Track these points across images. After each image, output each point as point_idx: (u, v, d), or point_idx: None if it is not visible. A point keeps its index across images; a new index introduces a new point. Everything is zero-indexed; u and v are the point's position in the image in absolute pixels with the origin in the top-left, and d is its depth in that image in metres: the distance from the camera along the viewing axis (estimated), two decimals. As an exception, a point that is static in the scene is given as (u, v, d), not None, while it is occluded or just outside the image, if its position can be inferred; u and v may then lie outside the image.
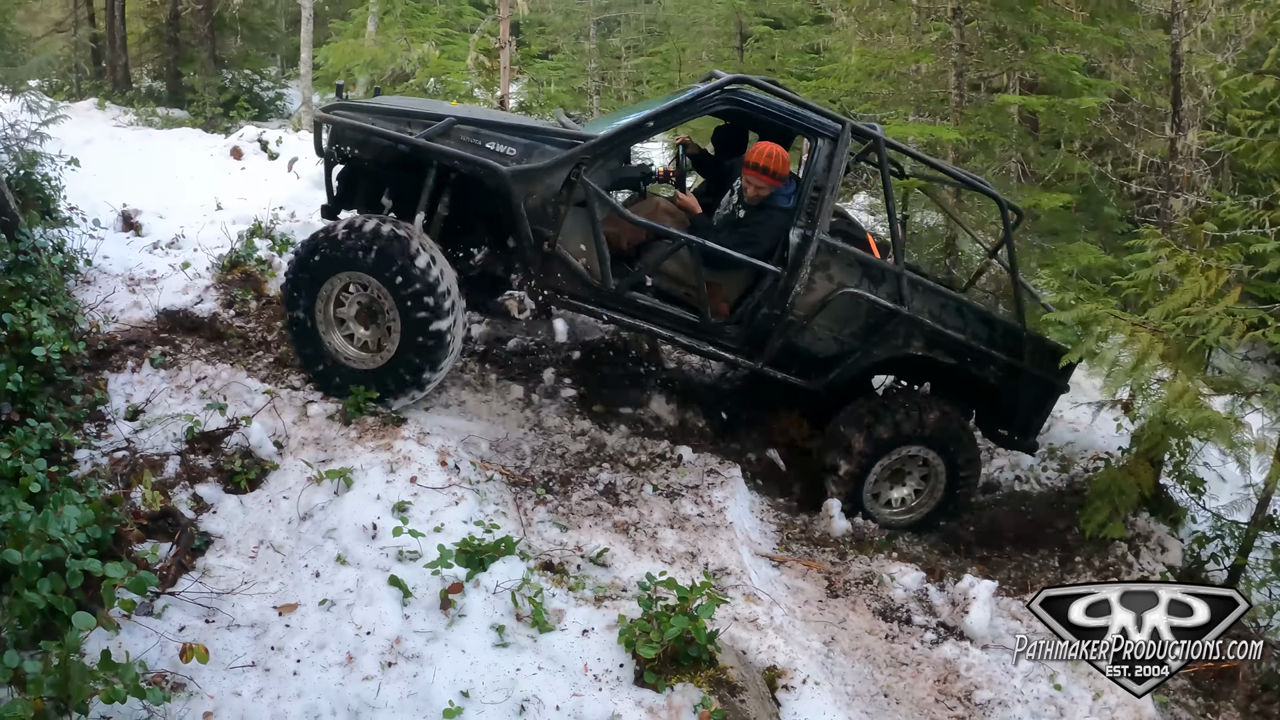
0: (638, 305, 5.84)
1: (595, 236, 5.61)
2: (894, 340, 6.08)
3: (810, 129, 5.86)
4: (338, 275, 5.45)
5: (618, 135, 5.66)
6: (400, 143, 5.43)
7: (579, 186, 5.53)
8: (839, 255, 5.89)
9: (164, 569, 4.13)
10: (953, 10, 9.42)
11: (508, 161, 5.44)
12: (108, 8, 19.43)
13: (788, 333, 5.93)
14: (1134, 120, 10.97)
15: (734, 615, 4.59)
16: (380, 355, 5.55)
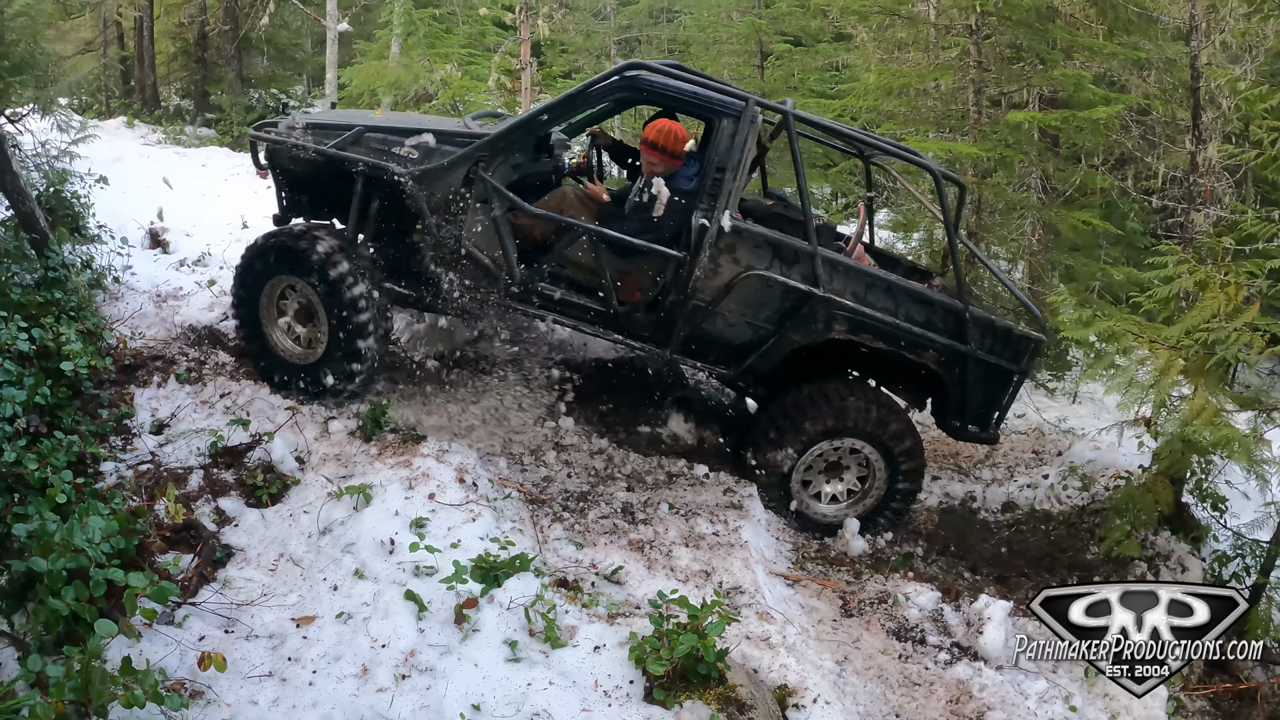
0: (546, 297, 5.85)
1: (498, 231, 5.73)
2: (812, 324, 5.79)
3: (711, 108, 5.71)
4: (276, 279, 5.83)
5: (512, 130, 5.75)
6: (315, 153, 5.75)
7: (479, 183, 5.64)
8: (746, 236, 5.70)
9: (185, 580, 4.22)
10: (971, 27, 9.43)
11: (409, 164, 5.62)
12: (136, 28, 19.72)
13: (694, 318, 5.77)
14: (1155, 134, 10.93)
15: (746, 633, 4.60)
16: (313, 352, 5.88)
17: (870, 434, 6.04)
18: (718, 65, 15.60)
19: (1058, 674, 5.25)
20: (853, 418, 5.98)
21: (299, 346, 5.96)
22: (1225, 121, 10.17)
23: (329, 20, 14.79)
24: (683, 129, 5.89)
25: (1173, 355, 5.86)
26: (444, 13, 13.46)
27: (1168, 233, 11.02)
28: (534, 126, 5.84)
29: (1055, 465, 7.77)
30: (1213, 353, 5.75)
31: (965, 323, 5.94)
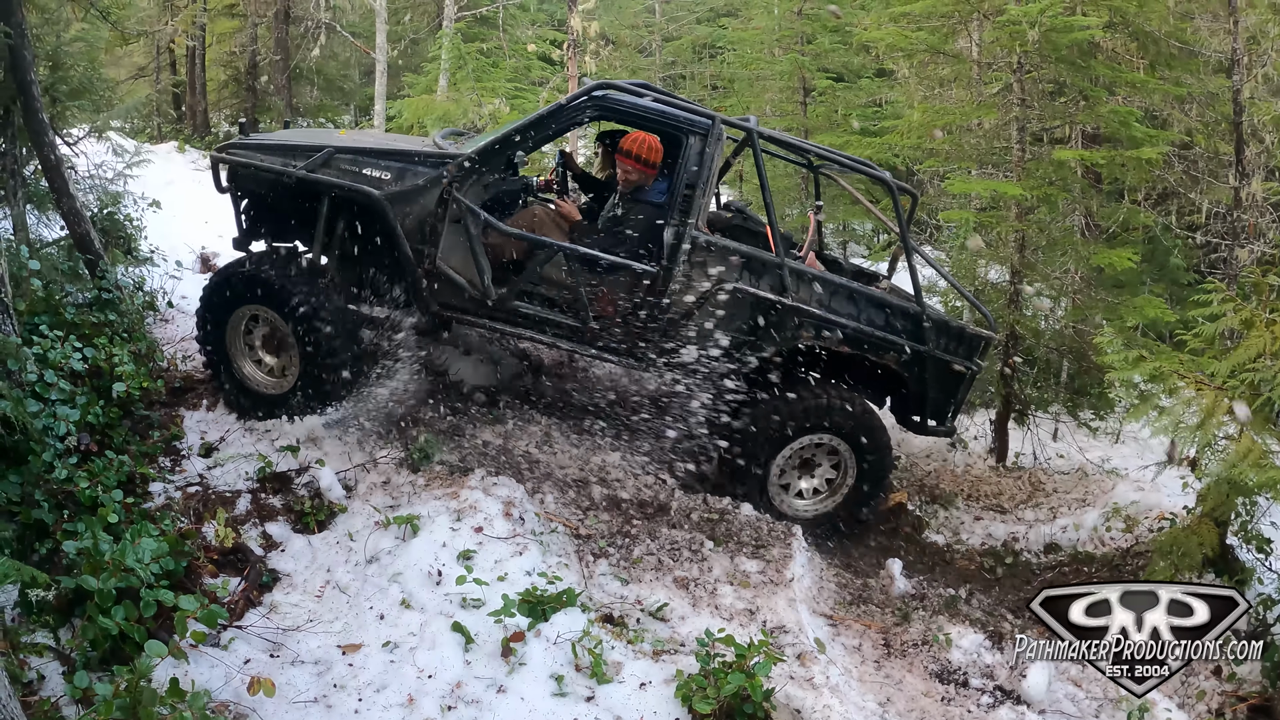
0: (521, 315, 5.92)
1: (473, 251, 5.77)
2: (782, 333, 5.96)
3: (679, 126, 5.85)
4: (242, 308, 5.82)
5: (485, 151, 5.79)
6: (283, 175, 5.72)
7: (452, 203, 5.69)
8: (716, 250, 5.86)
9: (232, 603, 4.24)
10: (1014, 64, 9.42)
11: (382, 185, 5.67)
12: (188, 55, 20.13)
13: (668, 331, 5.89)
14: (1198, 169, 10.86)
15: (790, 674, 4.56)
16: (285, 380, 5.90)
17: (844, 430, 6.21)
18: (761, 101, 15.64)
19: (1100, 718, 5.18)
20: (829, 415, 6.14)
21: (271, 376, 5.97)
22: (1269, 156, 10.09)
23: (378, 53, 15.01)
24: (657, 140, 6.02)
25: (1219, 395, 5.80)
26: (491, 47, 13.63)
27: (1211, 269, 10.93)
28: (507, 147, 5.86)
29: (1098, 506, 7.67)
30: (1259, 392, 5.69)
31: (923, 325, 6.17)
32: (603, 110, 5.94)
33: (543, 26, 17.07)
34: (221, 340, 5.88)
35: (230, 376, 5.91)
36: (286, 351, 5.92)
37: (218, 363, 5.92)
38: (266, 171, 5.78)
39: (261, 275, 5.70)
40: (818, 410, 6.11)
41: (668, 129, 5.93)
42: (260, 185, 5.96)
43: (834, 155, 6.75)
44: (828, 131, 13.35)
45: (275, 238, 6.35)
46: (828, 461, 6.41)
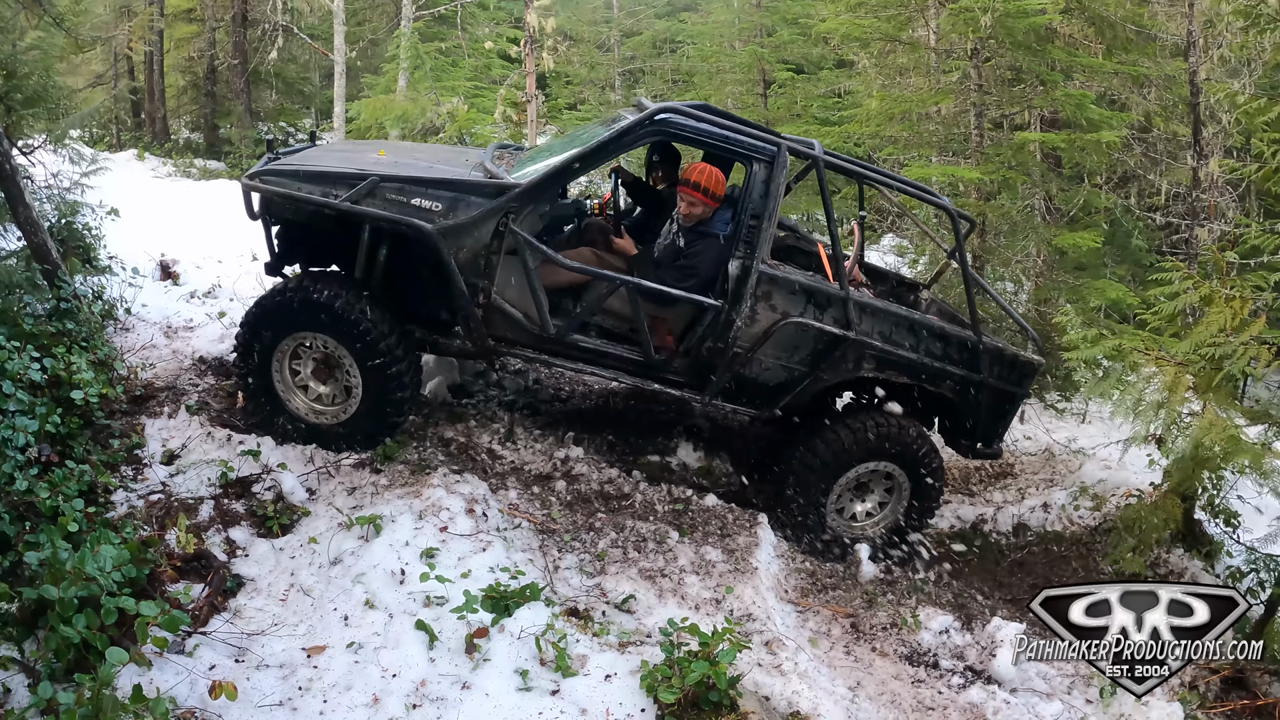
0: (580, 348, 5.80)
1: (531, 284, 5.56)
2: (844, 364, 5.95)
3: (743, 153, 5.72)
4: (293, 336, 5.58)
5: (544, 182, 5.58)
6: (326, 208, 5.44)
7: (509, 235, 5.50)
8: (781, 283, 5.77)
9: (196, 609, 4.23)
10: (971, 50, 9.49)
11: (434, 218, 5.43)
12: (147, 62, 19.98)
13: (733, 365, 5.84)
14: (1156, 151, 10.98)
15: (757, 661, 4.60)
16: (345, 409, 5.70)
17: (903, 456, 6.19)
18: (721, 94, 15.71)
19: (1072, 695, 5.25)
20: (889, 443, 6.13)
21: (321, 405, 5.76)
22: (1226, 136, 10.21)
23: (336, 54, 14.93)
24: (721, 174, 5.88)
25: (1180, 371, 5.86)
26: (450, 46, 13.59)
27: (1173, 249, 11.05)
28: (567, 175, 5.73)
29: (1066, 486, 7.75)
30: (1220, 368, 5.76)
31: (978, 353, 6.19)
32: (664, 134, 5.84)
33: (502, 24, 17.04)
34: (268, 369, 5.65)
35: (279, 407, 5.70)
36: (336, 380, 5.73)
37: (261, 392, 5.69)
38: (308, 203, 5.47)
39: (326, 301, 5.45)
40: (879, 439, 6.11)
41: (731, 154, 5.84)
42: (298, 214, 5.69)
43: (897, 181, 6.71)
44: (788, 123, 13.41)
45: (311, 263, 6.14)
46: (881, 485, 6.42)
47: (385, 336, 5.51)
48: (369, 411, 5.64)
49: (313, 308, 5.45)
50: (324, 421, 5.72)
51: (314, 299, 5.44)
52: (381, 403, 5.62)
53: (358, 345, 5.50)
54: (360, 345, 5.49)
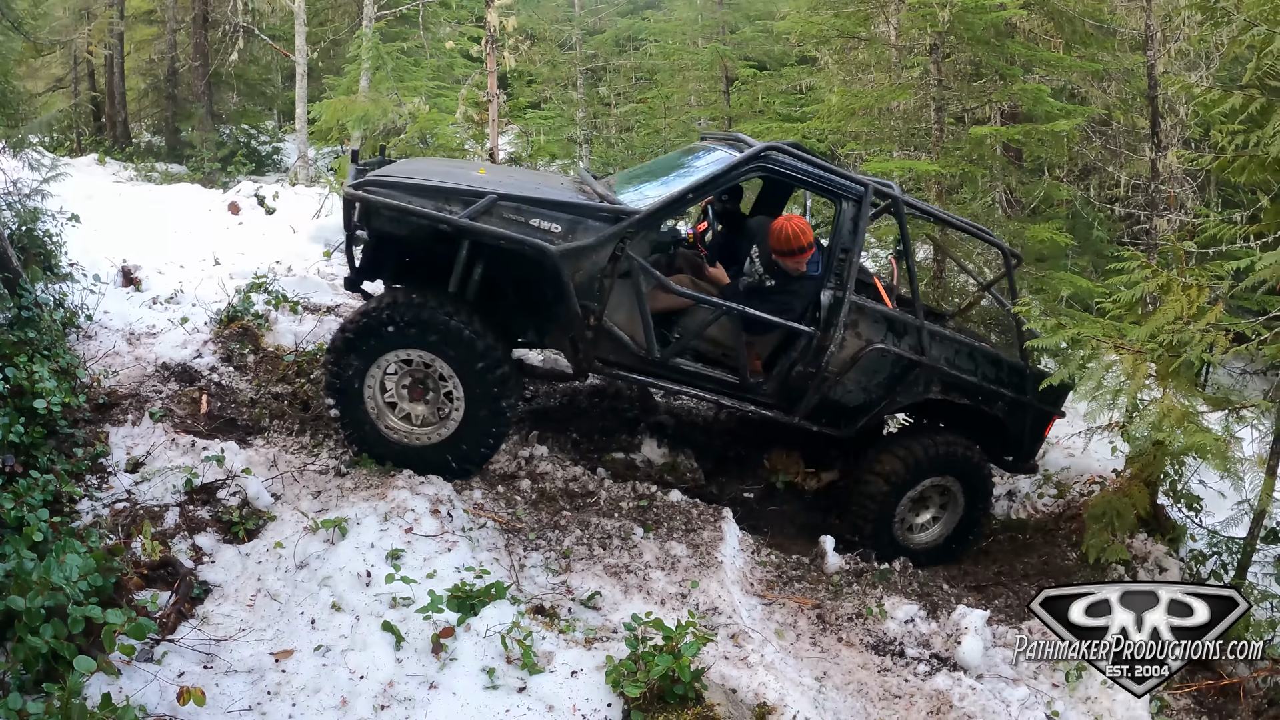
0: (682, 371, 6.02)
1: (641, 308, 5.75)
2: (916, 387, 6.39)
3: (835, 192, 6.14)
4: (389, 354, 5.53)
5: (661, 209, 5.78)
6: (442, 223, 5.41)
7: (623, 259, 5.64)
8: (867, 313, 6.21)
9: (164, 617, 4.21)
10: (930, 46, 9.57)
11: (554, 239, 5.49)
12: (107, 65, 19.75)
13: (823, 388, 6.17)
14: (1116, 143, 11.10)
15: (724, 653, 4.65)
16: (443, 428, 5.68)
17: (962, 471, 6.67)
18: (684, 92, 15.80)
19: (1038, 680, 5.31)
20: (951, 459, 6.59)
21: (413, 425, 5.71)
22: (1184, 128, 10.33)
23: (298, 55, 14.86)
24: (804, 223, 6.11)
25: (1139, 358, 5.94)
26: (412, 46, 13.54)
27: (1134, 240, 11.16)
28: (681, 204, 5.96)
29: (1029, 474, 7.85)
30: (1178, 354, 5.84)
31: (1026, 378, 6.69)
32: (768, 171, 6.12)
33: (464, 23, 16.98)
34: (360, 391, 5.59)
35: (371, 429, 5.66)
36: (430, 401, 5.69)
37: (351, 415, 5.64)
38: (424, 217, 5.41)
39: (433, 315, 5.44)
40: (944, 456, 6.54)
41: (824, 193, 6.24)
42: (401, 227, 5.57)
43: (956, 221, 7.14)
44: (751, 119, 13.46)
45: (394, 279, 6.15)
46: (937, 497, 6.79)
47: (493, 352, 5.54)
48: (470, 430, 5.65)
49: (417, 323, 5.44)
50: (419, 441, 5.68)
51: (420, 313, 5.43)
52: (484, 419, 5.64)
53: (464, 361, 5.51)
54: (466, 360, 5.50)
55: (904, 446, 6.56)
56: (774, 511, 6.89)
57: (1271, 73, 5.94)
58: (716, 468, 7.18)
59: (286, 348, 7.02)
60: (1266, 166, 5.91)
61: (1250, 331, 5.80)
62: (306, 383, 6.59)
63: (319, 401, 6.43)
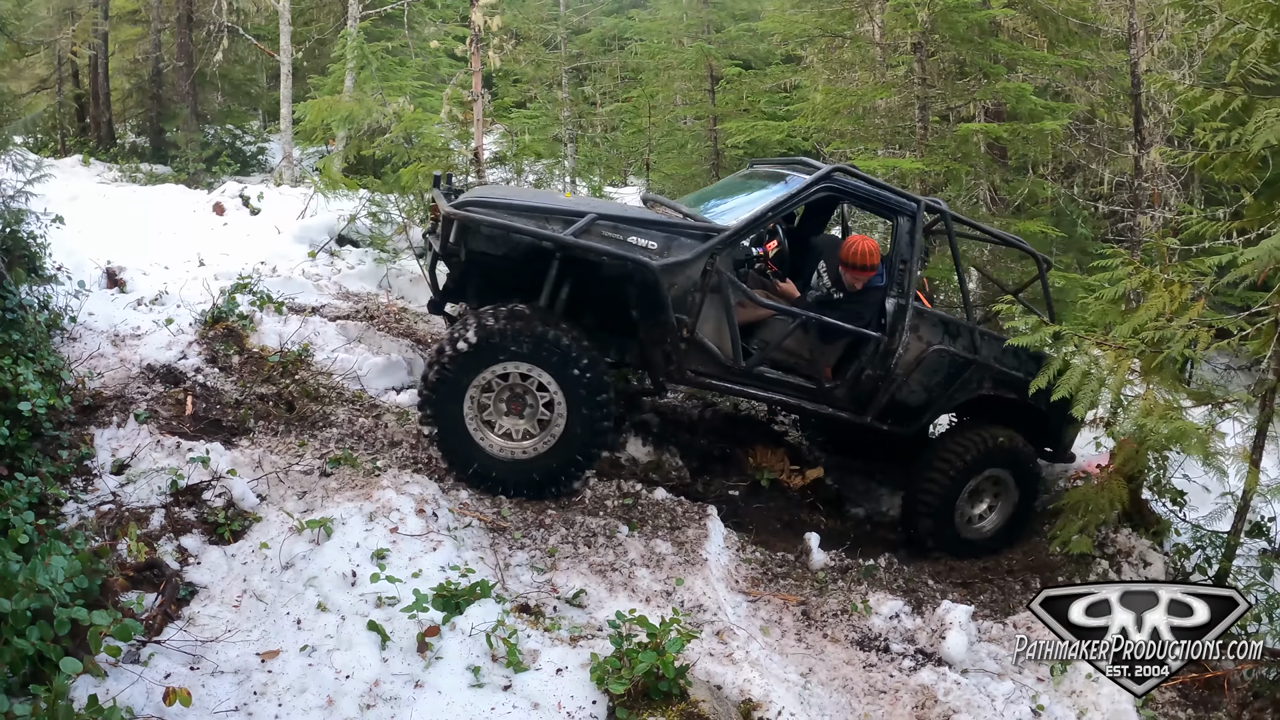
0: (765, 379, 6.36)
1: (729, 320, 6.09)
2: (971, 385, 6.80)
3: (892, 209, 6.63)
4: (489, 369, 5.69)
5: (746, 226, 6.16)
6: (547, 240, 5.64)
7: (712, 274, 5.94)
8: (927, 317, 6.69)
9: (150, 618, 4.21)
10: (914, 45, 9.63)
11: (652, 255, 5.78)
12: (91, 65, 19.64)
13: (890, 389, 6.56)
14: (1100, 141, 11.18)
15: (709, 650, 4.67)
16: (543, 441, 5.83)
17: (1015, 463, 7.02)
18: (669, 91, 15.83)
19: (1023, 674, 5.34)
20: (1007, 452, 6.95)
21: (514, 440, 5.85)
22: (1167, 125, 10.40)
23: (283, 55, 14.81)
24: (875, 245, 6.61)
25: (1121, 354, 5.98)
26: (397, 45, 13.54)
27: (1118, 236, 11.24)
28: (762, 222, 6.31)
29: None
30: (1161, 350, 5.88)
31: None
32: (833, 190, 6.55)
33: (449, 23, 16.96)
34: (459, 409, 5.73)
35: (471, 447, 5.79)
36: (526, 415, 5.85)
37: (451, 434, 5.77)
38: (528, 234, 5.64)
39: (537, 329, 5.63)
40: (996, 449, 6.89)
41: (883, 211, 6.82)
42: (498, 246, 5.77)
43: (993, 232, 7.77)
44: (736, 118, 13.50)
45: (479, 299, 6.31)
46: (991, 488, 7.10)
47: (596, 363, 5.75)
48: (571, 440, 5.83)
49: (520, 337, 5.61)
50: (519, 456, 5.83)
51: (525, 328, 5.63)
52: (587, 430, 5.82)
53: (567, 372, 5.69)
54: (569, 373, 5.69)
55: (958, 443, 6.89)
56: (759, 509, 6.93)
57: (1254, 70, 5.99)
58: (701, 466, 7.21)
59: (271, 348, 7.03)
60: (1249, 163, 5.96)
61: (1233, 327, 5.84)
62: (291, 383, 6.59)
63: (303, 402, 6.45)
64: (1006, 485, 7.06)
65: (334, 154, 10.22)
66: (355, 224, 9.96)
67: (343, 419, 6.43)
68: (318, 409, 6.48)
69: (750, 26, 14.62)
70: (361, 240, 10.08)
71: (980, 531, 7.07)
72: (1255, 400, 6.01)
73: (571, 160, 15.66)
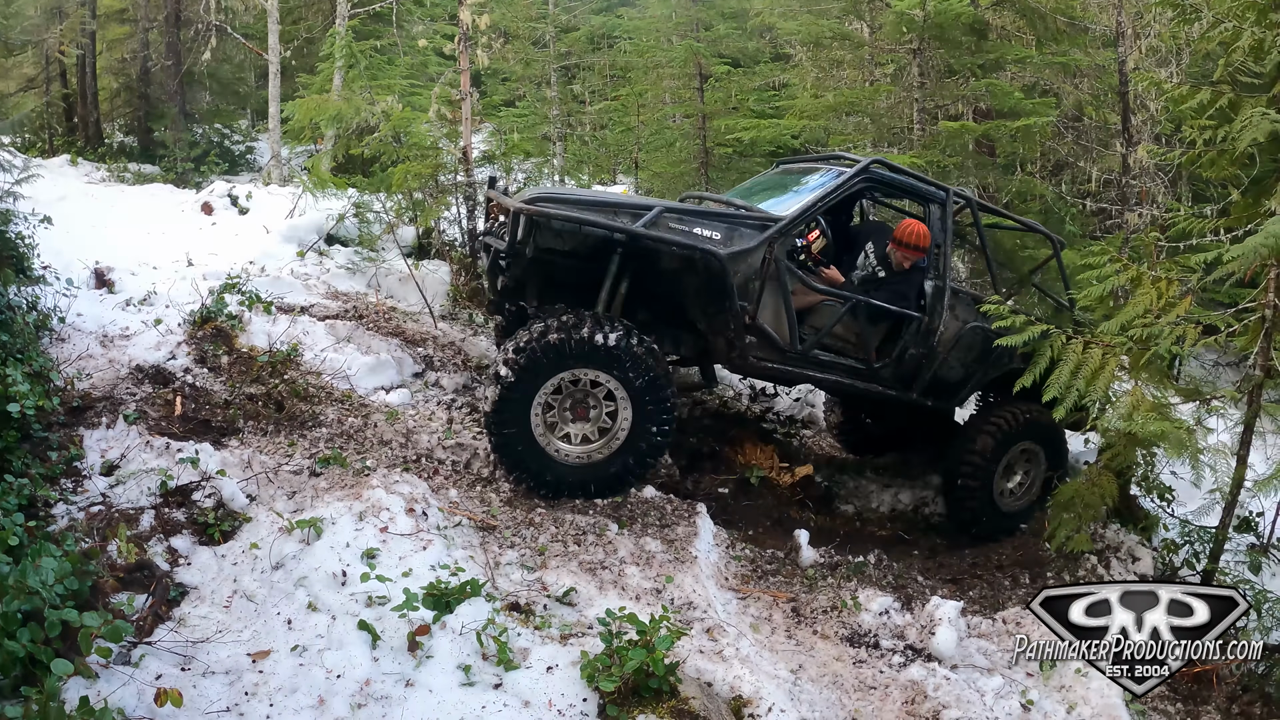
0: (819, 361, 6.61)
1: (786, 305, 6.31)
2: (1003, 360, 7.01)
3: (926, 197, 7.00)
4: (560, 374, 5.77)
5: (800, 216, 6.40)
6: (619, 232, 5.75)
7: (769, 262, 6.14)
8: (962, 297, 7.06)
9: (141, 619, 4.21)
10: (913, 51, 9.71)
11: (716, 245, 5.95)
12: (79, 64, 19.53)
13: (933, 366, 6.90)
14: (1088, 139, 11.24)
15: (699, 647, 4.68)
16: (609, 444, 5.96)
17: (1045, 437, 7.30)
18: (658, 89, 15.84)
19: (1013, 669, 5.36)
20: (1038, 426, 7.17)
21: (576, 445, 5.97)
22: (1155, 123, 10.46)
23: (271, 54, 14.77)
24: (925, 226, 6.88)
25: (1108, 351, 6.01)
26: (386, 44, 13.52)
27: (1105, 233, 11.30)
28: (813, 212, 6.53)
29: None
30: (1148, 346, 5.91)
31: None
32: (874, 182, 6.88)
33: (438, 20, 16.93)
34: (527, 418, 5.80)
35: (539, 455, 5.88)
36: (591, 420, 5.98)
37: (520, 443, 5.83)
38: (600, 227, 5.74)
39: (605, 333, 5.74)
40: (1026, 422, 7.16)
41: (917, 198, 7.16)
42: (565, 241, 5.89)
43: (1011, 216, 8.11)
44: (725, 116, 13.52)
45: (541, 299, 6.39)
46: (1023, 461, 7.40)
47: (659, 364, 5.89)
48: (636, 442, 5.98)
49: (595, 344, 5.70)
50: (586, 460, 5.95)
51: (604, 335, 5.73)
52: (651, 430, 5.98)
53: (632, 376, 5.81)
54: (635, 376, 5.82)
55: (990, 422, 7.17)
56: (748, 506, 6.96)
57: (1241, 68, 6.03)
58: (690, 464, 7.23)
59: (260, 348, 7.02)
60: (1235, 161, 5.99)
61: (1221, 323, 5.88)
62: (280, 383, 6.59)
63: (292, 402, 6.45)
64: (1037, 457, 7.34)
65: (322, 153, 10.18)
66: (344, 223, 9.95)
67: (332, 419, 6.43)
68: (307, 409, 6.47)
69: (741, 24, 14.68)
70: (350, 240, 10.07)
71: (1012, 505, 7.34)
72: (1242, 396, 6.05)
73: (560, 159, 15.66)
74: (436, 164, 8.85)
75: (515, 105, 18.15)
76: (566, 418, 5.92)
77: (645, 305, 6.36)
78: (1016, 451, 7.24)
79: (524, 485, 5.94)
